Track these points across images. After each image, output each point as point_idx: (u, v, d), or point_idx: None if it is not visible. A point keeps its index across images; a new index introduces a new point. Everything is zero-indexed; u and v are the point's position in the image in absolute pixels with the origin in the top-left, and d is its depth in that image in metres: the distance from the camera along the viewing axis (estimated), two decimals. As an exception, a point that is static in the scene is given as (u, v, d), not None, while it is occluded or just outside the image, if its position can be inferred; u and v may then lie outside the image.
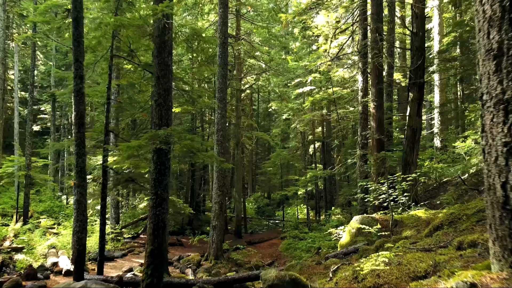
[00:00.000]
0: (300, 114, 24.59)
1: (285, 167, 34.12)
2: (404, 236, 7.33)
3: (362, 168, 12.89)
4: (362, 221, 8.61)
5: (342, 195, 18.13)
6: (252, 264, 14.98)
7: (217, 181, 14.47)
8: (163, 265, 6.91)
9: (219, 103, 14.53)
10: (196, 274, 12.99)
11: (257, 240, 20.37)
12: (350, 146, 20.86)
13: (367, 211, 12.82)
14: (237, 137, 21.95)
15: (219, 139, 14.56)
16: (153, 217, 6.89)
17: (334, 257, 7.95)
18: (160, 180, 6.97)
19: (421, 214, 8.51)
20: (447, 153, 24.35)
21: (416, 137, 12.40)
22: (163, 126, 6.95)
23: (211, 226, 14.52)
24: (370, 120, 12.99)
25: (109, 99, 9.32)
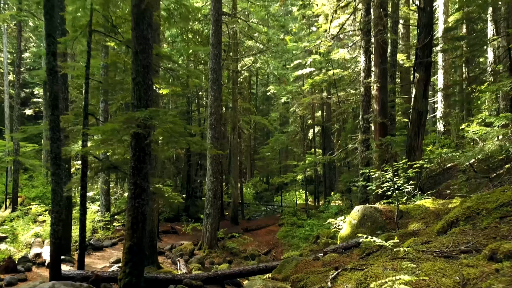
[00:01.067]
0: (299, 98, 23.72)
1: (283, 152, 33.40)
2: (411, 230, 6.63)
3: (363, 153, 12.16)
4: (365, 211, 7.91)
5: (342, 182, 17.45)
6: (247, 253, 14.41)
7: (211, 167, 13.76)
8: (143, 262, 6.23)
9: (212, 85, 13.70)
10: (189, 264, 12.40)
11: (254, 227, 19.80)
12: (350, 130, 20.09)
13: (368, 200, 12.15)
14: (234, 121, 21.15)
15: (212, 123, 13.79)
16: (132, 209, 6.17)
17: (333, 251, 7.28)
18: (140, 168, 6.22)
19: (429, 204, 7.81)
20: (450, 137, 23.62)
21: (422, 120, 11.62)
22: (142, 108, 6.17)
23: (205, 214, 13.87)
24: (373, 103, 12.19)
25: (88, 79, 8.49)
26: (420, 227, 6.56)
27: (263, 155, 29.73)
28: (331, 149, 25.76)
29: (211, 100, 13.82)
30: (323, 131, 25.46)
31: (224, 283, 7.80)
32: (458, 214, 5.01)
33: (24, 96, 34.26)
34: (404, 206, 7.88)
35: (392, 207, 7.96)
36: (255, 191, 33.50)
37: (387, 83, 12.34)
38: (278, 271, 6.94)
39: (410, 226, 6.96)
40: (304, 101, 22.23)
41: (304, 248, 14.31)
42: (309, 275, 5.76)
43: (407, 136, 11.97)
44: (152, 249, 10.78)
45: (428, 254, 3.71)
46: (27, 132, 10.01)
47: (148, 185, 6.35)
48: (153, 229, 10.78)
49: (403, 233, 6.13)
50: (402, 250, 4.47)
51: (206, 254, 13.43)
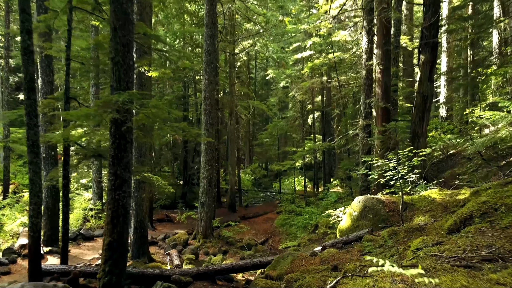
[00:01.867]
0: (299, 82, 23.01)
1: (282, 138, 32.82)
2: (417, 224, 6.10)
3: (364, 140, 11.59)
4: (366, 202, 7.38)
5: (342, 169, 16.93)
6: (244, 242, 13.97)
7: (206, 154, 13.20)
8: (124, 260, 5.72)
9: (206, 67, 13.03)
10: (182, 255, 11.97)
11: (251, 214, 19.36)
12: (351, 116, 19.46)
13: (369, 188, 11.64)
14: (231, 106, 20.50)
15: (207, 108, 13.17)
16: (112, 202, 5.63)
17: (332, 246, 6.77)
18: (120, 157, 5.66)
19: (435, 195, 7.27)
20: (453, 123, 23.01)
21: (427, 105, 11.01)
22: (122, 90, 5.56)
23: (200, 203, 13.38)
24: (375, 86, 11.55)
25: (68, 60, 7.85)
26: (427, 221, 6.03)
27: (261, 141, 29.16)
28: (331, 135, 25.17)
29: (206, 84, 13.17)
30: (323, 117, 24.83)
31: (216, 279, 7.33)
32: (472, 209, 4.47)
33: (18, 81, 33.49)
34: (408, 197, 7.35)
35: (396, 198, 7.43)
36: (253, 178, 33.04)
37: (390, 66, 11.67)
38: (272, 268, 6.45)
39: (416, 219, 6.43)
40: (303, 85, 21.53)
41: (302, 238, 13.87)
42: (306, 275, 5.26)
43: (411, 122, 11.37)
44: (143, 239, 10.33)
45: (444, 260, 3.17)
46: (5, 118, 9.39)
47: (130, 176, 5.79)
48: (143, 219, 10.30)
49: (409, 228, 5.60)
50: (411, 253, 3.94)
51: (201, 244, 12.99)
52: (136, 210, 10.18)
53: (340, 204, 15.06)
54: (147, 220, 10.47)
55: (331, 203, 15.28)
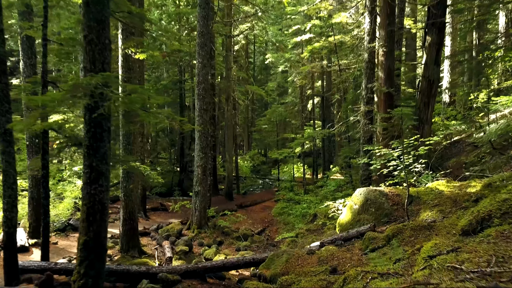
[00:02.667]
0: (298, 66, 22.28)
1: (282, 124, 32.20)
2: (425, 220, 5.57)
3: (366, 127, 11.00)
4: (368, 195, 6.84)
5: (342, 156, 16.39)
6: (240, 232, 13.52)
7: (200, 141, 12.62)
8: (102, 260, 5.20)
9: (200, 50, 12.35)
10: (176, 246, 11.51)
11: (248, 203, 18.90)
12: (351, 101, 18.81)
13: (370, 177, 11.10)
14: (228, 91, 19.83)
15: (200, 93, 12.54)
16: (87, 197, 5.08)
17: (331, 243, 6.26)
18: (96, 148, 5.08)
19: (443, 187, 6.73)
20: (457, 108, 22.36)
21: (433, 90, 10.41)
22: (97, 72, 4.95)
23: (194, 192, 12.87)
24: (378, 70, 10.90)
25: (46, 41, 7.21)
26: (435, 218, 5.50)
27: (259, 127, 28.53)
28: (331, 120, 24.55)
29: (199, 68, 12.51)
30: (323, 102, 24.18)
31: (206, 276, 6.84)
32: (491, 208, 3.92)
33: (10, 66, 32.64)
34: (413, 190, 6.81)
35: (400, 191, 6.89)
36: (252, 164, 32.55)
37: (394, 48, 11.00)
38: (266, 266, 5.95)
39: (423, 214, 5.90)
40: (303, 69, 20.81)
41: (301, 228, 13.43)
42: (302, 278, 4.75)
43: (415, 108, 10.79)
44: (133, 232, 9.83)
45: (464, 276, 2.62)
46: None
47: (107, 168, 5.22)
48: (133, 211, 9.79)
49: (416, 226, 5.06)
50: (422, 260, 3.39)
51: (195, 234, 12.53)
52: (125, 201, 9.67)
53: (339, 193, 14.58)
54: (137, 211, 9.97)
55: (330, 192, 14.79)
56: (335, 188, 14.99)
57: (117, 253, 9.73)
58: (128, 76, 9.35)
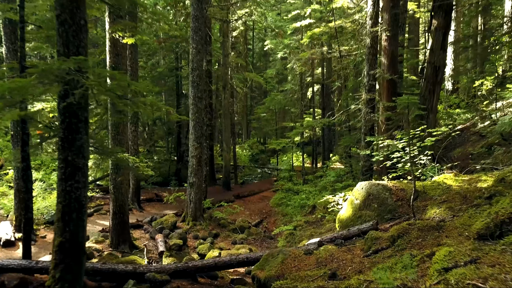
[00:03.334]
0: (297, 52, 21.64)
1: (281, 112, 31.63)
2: (432, 218, 5.12)
3: (368, 116, 10.50)
4: (370, 190, 6.39)
5: (342, 146, 15.91)
6: (237, 224, 13.14)
7: (194, 131, 12.13)
8: (80, 264, 4.77)
9: (194, 35, 11.77)
10: (169, 239, 11.13)
11: (246, 193, 18.49)
12: (352, 89, 18.25)
13: (371, 169, 10.65)
14: (225, 78, 19.25)
15: (194, 80, 12.00)
16: (62, 194, 4.63)
17: (330, 241, 5.82)
18: (71, 140, 4.60)
19: (450, 181, 6.27)
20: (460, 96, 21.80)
21: (438, 77, 9.88)
22: (71, 56, 4.44)
23: (189, 183, 12.43)
24: (381, 56, 10.35)
25: (23, 23, 6.68)
26: (444, 216, 5.05)
27: (258, 115, 27.97)
28: (331, 108, 24.00)
29: (193, 53, 11.95)
30: (323, 90, 23.59)
31: (198, 276, 6.43)
32: (511, 210, 3.45)
33: (1, 52, 31.99)
34: (419, 184, 6.35)
35: (404, 185, 6.43)
36: (251, 153, 32.10)
37: (398, 32, 10.44)
38: (260, 267, 5.52)
39: (429, 211, 5.45)
40: (302, 56, 20.16)
41: (299, 220, 13.05)
42: (298, 283, 4.32)
43: (420, 96, 10.27)
44: (123, 225, 9.42)
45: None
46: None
47: (85, 162, 4.76)
48: (123, 204, 9.36)
49: (423, 226, 4.61)
50: (435, 273, 2.94)
51: (190, 227, 12.13)
52: (115, 194, 9.22)
53: (339, 183, 14.14)
54: (127, 204, 9.54)
55: (330, 183, 14.36)
56: (335, 178, 14.56)
57: (107, 247, 9.34)
58: (116, 62, 8.82)
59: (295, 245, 10.40)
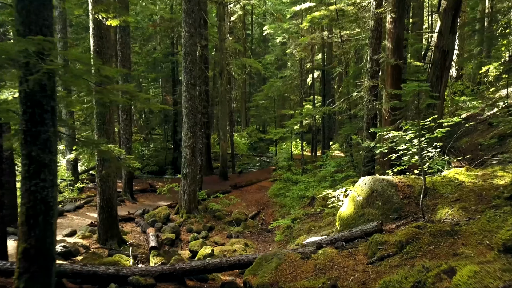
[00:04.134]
0: (297, 37, 20.88)
1: (280, 100, 30.92)
2: (444, 220, 4.58)
3: (370, 104, 9.90)
4: (374, 186, 5.85)
5: (342, 134, 15.33)
6: (233, 217, 12.65)
7: (187, 119, 11.55)
8: (49, 271, 4.24)
9: (186, 18, 11.08)
10: (162, 233, 10.66)
11: (243, 183, 17.99)
12: (353, 75, 17.56)
13: (374, 160, 10.10)
14: (221, 64, 18.55)
15: (187, 66, 11.36)
16: (26, 195, 4.07)
17: (330, 243, 5.30)
18: (35, 133, 4.03)
19: (462, 176, 5.72)
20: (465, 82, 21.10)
21: (447, 62, 9.27)
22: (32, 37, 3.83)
23: (182, 174, 11.90)
24: (386, 40, 9.70)
25: (-9, 1, 6.04)
26: (458, 218, 4.51)
27: (256, 103, 27.29)
28: (332, 95, 23.36)
29: (186, 37, 11.27)
30: (323, 76, 22.91)
31: (186, 278, 5.93)
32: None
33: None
34: (428, 179, 5.80)
35: (412, 180, 5.88)
36: (249, 141, 31.54)
37: (404, 14, 9.76)
38: (253, 272, 5.01)
39: (441, 211, 4.92)
40: (302, 41, 19.42)
41: (298, 213, 12.57)
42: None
43: (426, 82, 9.66)
44: (111, 220, 8.91)
45: None
46: None
47: (52, 158, 4.18)
48: (110, 197, 8.83)
49: (436, 231, 4.08)
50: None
51: (184, 219, 11.65)
52: (102, 187, 8.69)
53: (340, 174, 13.61)
54: (115, 198, 9.01)
55: (329, 173, 13.82)
56: (335, 169, 14.03)
57: (94, 243, 8.86)
58: (100, 46, 8.18)
59: (292, 241, 9.93)
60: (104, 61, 8.36)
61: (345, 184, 11.47)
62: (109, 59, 8.41)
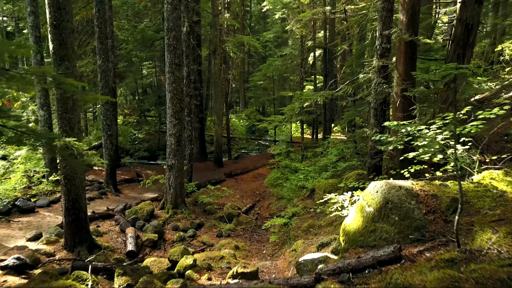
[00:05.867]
0: (297, 12, 19.29)
1: (281, 80, 29.41)
2: (484, 252, 3.36)
3: (380, 87, 8.57)
4: (388, 195, 4.61)
5: (346, 119, 14.01)
6: (224, 211, 11.54)
7: (171, 104, 10.25)
8: None
9: (167, -13, 9.63)
10: (143, 232, 9.55)
11: (239, 170, 16.83)
12: (357, 54, 16.09)
13: (381, 152, 8.83)
14: (215, 42, 17.06)
15: (170, 43, 9.98)
16: None
17: (333, 274, 4.11)
18: None
19: (501, 184, 4.47)
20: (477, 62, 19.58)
21: (471, 38, 7.86)
22: None
23: (167, 166, 10.70)
24: (399, 11, 8.27)
25: None
26: (508, 249, 3.28)
27: (254, 83, 25.81)
28: (334, 75, 21.89)
29: (169, 11, 9.85)
30: (325, 55, 21.36)
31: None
32: None
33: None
34: (455, 187, 4.56)
35: (437, 188, 4.64)
36: (248, 124, 30.24)
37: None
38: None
39: (480, 236, 3.69)
40: (303, 16, 17.84)
41: (296, 205, 11.45)
42: None
43: (445, 62, 8.30)
44: (79, 223, 7.75)
45: None
46: None
47: None
48: (77, 198, 7.63)
49: (484, 277, 2.86)
50: None
51: (170, 215, 10.52)
52: (67, 186, 7.49)
53: (342, 163, 12.36)
54: (84, 197, 7.81)
55: (331, 163, 12.59)
56: (337, 158, 12.77)
57: (61, 249, 7.73)
58: (58, 19, 6.82)
59: (289, 243, 8.81)
60: (64, 37, 7.04)
61: (348, 177, 10.26)
62: (69, 34, 7.05)
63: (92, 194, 12.17)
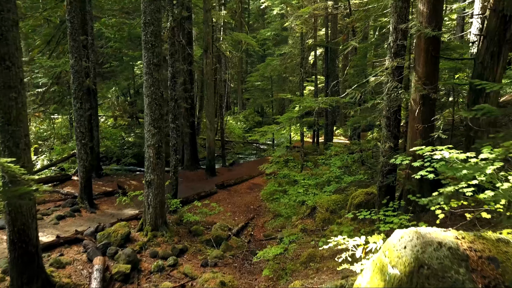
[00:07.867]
0: (297, 7, 17.87)
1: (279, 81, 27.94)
2: None
3: (394, 92, 7.15)
4: (422, 255, 3.19)
5: (350, 125, 12.60)
6: (212, 232, 10.14)
7: (149, 111, 8.83)
8: None
9: (143, -26, 8.21)
10: (114, 262, 8.17)
11: (233, 181, 15.40)
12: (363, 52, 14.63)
13: (395, 169, 7.40)
14: (206, 39, 15.63)
15: (148, 40, 8.56)
16: None
17: None
18: None
19: None
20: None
21: (508, 33, 6.43)
22: None
23: (145, 182, 9.26)
24: (417, 0, 6.85)
25: None
26: None
27: (251, 84, 24.37)
28: (336, 76, 20.46)
29: (145, 2, 8.43)
30: (327, 54, 19.97)
31: None
32: None
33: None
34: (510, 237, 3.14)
35: (492, 246, 3.23)
36: (246, 126, 28.84)
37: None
38: None
39: None
40: (303, 12, 16.42)
41: (294, 226, 10.08)
42: None
43: (475, 62, 6.89)
44: (28, 258, 6.34)
45: None
46: None
47: None
48: (25, 228, 6.22)
49: None
50: None
51: (148, 239, 9.10)
52: (11, 214, 6.09)
53: (347, 176, 10.95)
54: (34, 227, 6.40)
55: (334, 177, 11.16)
56: (340, 172, 11.33)
57: (3, 293, 6.34)
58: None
59: (285, 278, 7.38)
60: (3, 30, 5.64)
61: (355, 196, 8.85)
62: (11, 27, 5.64)
63: (63, 212, 10.76)
